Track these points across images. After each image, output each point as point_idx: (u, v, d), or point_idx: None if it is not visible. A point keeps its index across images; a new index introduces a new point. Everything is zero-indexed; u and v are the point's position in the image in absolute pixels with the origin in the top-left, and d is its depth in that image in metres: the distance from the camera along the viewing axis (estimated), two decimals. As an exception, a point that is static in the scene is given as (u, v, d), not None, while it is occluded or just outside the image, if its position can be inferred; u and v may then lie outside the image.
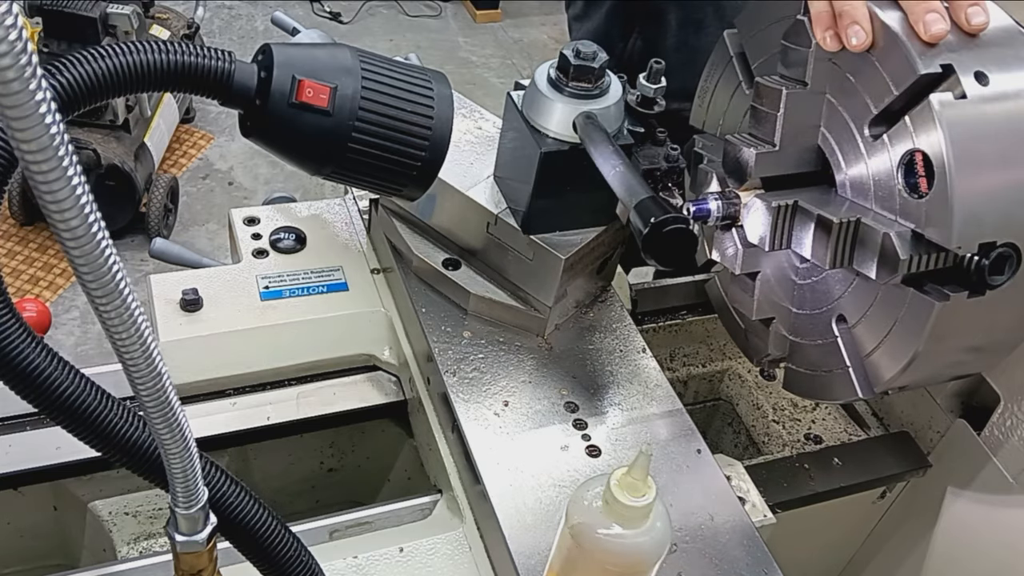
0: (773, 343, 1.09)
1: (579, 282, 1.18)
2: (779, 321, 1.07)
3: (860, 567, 1.43)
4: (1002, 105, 0.86)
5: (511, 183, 1.13)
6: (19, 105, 0.39)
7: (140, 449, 0.68)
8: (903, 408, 1.30)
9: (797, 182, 1.00)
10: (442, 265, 1.19)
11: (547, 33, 4.76)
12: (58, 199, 0.43)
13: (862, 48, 0.88)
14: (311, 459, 1.33)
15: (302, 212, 1.35)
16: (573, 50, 1.04)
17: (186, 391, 1.16)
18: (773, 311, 1.08)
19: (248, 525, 0.74)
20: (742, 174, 1.00)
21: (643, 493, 0.74)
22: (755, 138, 1.01)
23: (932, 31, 0.84)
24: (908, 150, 0.87)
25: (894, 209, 0.89)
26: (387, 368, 1.25)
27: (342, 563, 0.99)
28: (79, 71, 0.71)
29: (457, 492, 1.07)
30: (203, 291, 1.19)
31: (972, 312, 0.90)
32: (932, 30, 0.84)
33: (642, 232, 0.86)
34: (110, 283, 0.48)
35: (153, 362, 0.55)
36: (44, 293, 3.01)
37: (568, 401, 1.10)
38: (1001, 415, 1.14)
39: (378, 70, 0.93)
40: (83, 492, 1.19)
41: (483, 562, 1.01)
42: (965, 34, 0.87)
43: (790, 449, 1.28)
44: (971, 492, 1.20)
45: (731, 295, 1.16)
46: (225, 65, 0.84)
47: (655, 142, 1.11)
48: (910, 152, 0.87)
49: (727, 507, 1.02)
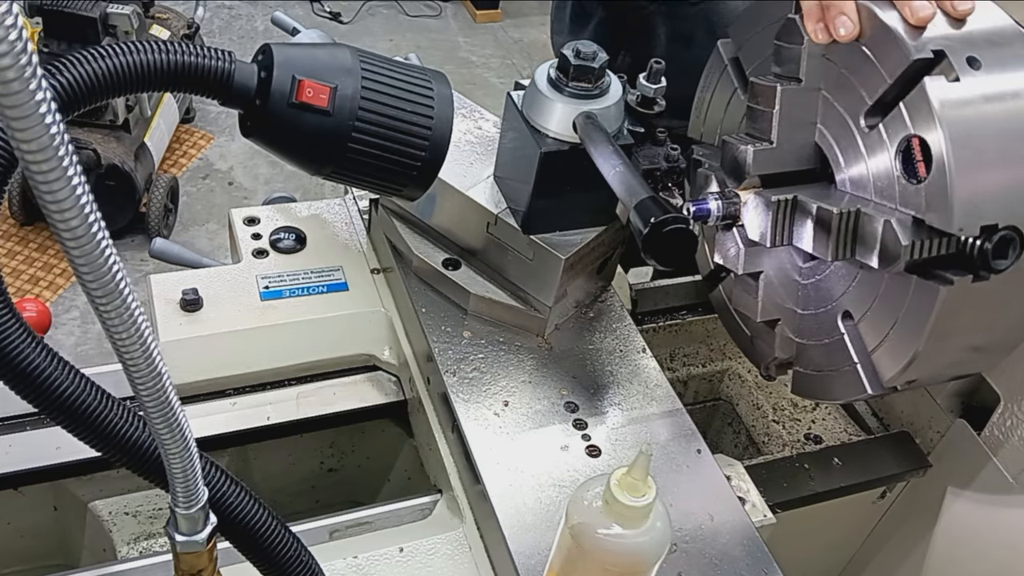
0: (779, 346, 1.09)
1: (579, 282, 1.18)
2: (784, 323, 1.07)
3: (860, 567, 1.43)
4: (1000, 101, 0.86)
5: (511, 183, 1.13)
6: (19, 105, 0.39)
7: (140, 449, 0.68)
8: (903, 408, 1.30)
9: (796, 179, 1.00)
10: (442, 265, 1.19)
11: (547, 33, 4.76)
12: (58, 199, 0.43)
13: (850, 38, 0.89)
14: (311, 459, 1.33)
15: (302, 212, 1.35)
16: (573, 50, 1.04)
17: (186, 391, 1.16)
18: (778, 312, 1.08)
19: (248, 525, 0.74)
20: (740, 173, 1.00)
21: (643, 493, 0.74)
22: (752, 136, 1.01)
23: (919, 15, 0.85)
24: (905, 136, 0.87)
25: (893, 198, 0.89)
26: (387, 368, 1.25)
27: (342, 563, 0.99)
28: (79, 71, 0.71)
29: (457, 492, 1.07)
30: (203, 291, 1.19)
31: (975, 305, 0.90)
32: (919, 14, 0.85)
33: (642, 232, 0.86)
34: (110, 283, 0.48)
35: (153, 362, 0.55)
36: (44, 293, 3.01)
37: (568, 401, 1.10)
38: (1001, 415, 1.14)
39: (378, 70, 0.93)
40: (83, 492, 1.19)
41: (483, 562, 1.01)
42: (953, 20, 0.87)
43: (790, 449, 1.28)
44: (971, 492, 1.20)
45: (735, 299, 1.16)
46: (225, 65, 0.84)
47: (655, 142, 1.11)
48: (907, 138, 0.87)
49: (727, 507, 1.02)
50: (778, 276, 1.07)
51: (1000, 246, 0.85)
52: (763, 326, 1.10)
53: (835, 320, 1.00)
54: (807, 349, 1.05)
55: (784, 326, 1.08)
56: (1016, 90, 0.87)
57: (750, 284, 1.09)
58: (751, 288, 1.09)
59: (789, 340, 1.08)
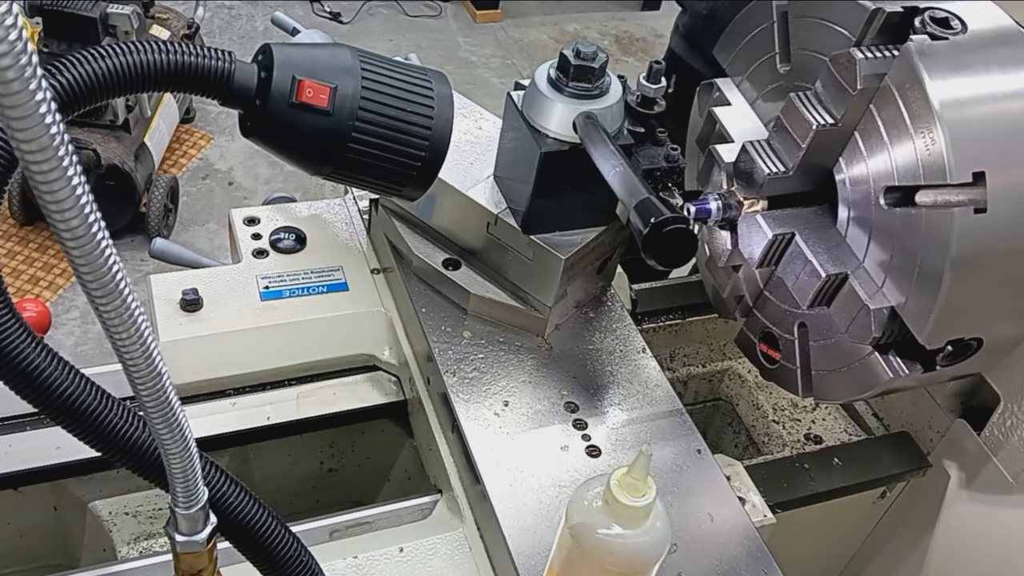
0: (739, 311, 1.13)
1: (579, 282, 1.18)
2: (749, 295, 1.10)
3: (860, 567, 1.43)
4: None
5: (511, 183, 1.13)
6: (19, 105, 0.39)
7: (140, 449, 0.68)
8: (903, 408, 1.30)
9: (801, 197, 1.01)
10: (442, 265, 1.18)
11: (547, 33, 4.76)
12: (58, 199, 0.43)
13: None
14: (311, 459, 1.33)
15: (302, 212, 1.35)
16: (573, 50, 1.04)
17: (186, 391, 1.15)
18: (747, 288, 1.11)
19: (248, 525, 0.74)
20: (751, 187, 1.00)
21: (643, 493, 0.74)
22: (773, 154, 1.00)
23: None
24: None
25: (887, 262, 0.91)
26: (387, 368, 1.25)
27: (342, 563, 0.99)
28: (79, 71, 0.71)
29: (457, 492, 1.07)
30: (203, 291, 1.18)
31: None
32: None
33: (642, 232, 0.86)
34: (110, 283, 0.48)
35: (153, 362, 0.55)
36: (44, 293, 3.01)
37: (568, 401, 1.09)
38: (1001, 415, 1.14)
39: (378, 70, 0.93)
40: (83, 492, 1.19)
41: (483, 562, 1.01)
42: None
43: (790, 449, 1.28)
44: (971, 492, 1.20)
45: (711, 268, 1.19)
46: (225, 65, 0.84)
47: (655, 142, 1.11)
48: None
49: (727, 507, 1.02)
50: None
51: (959, 352, 0.90)
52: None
53: (793, 323, 1.02)
54: (762, 326, 1.09)
55: (749, 299, 1.11)
56: None
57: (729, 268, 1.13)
58: (728, 271, 1.12)
59: (748, 309, 1.11)
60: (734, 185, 1.03)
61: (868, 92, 0.90)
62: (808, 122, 0.94)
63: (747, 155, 1.00)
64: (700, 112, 1.18)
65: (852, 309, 0.91)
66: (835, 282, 0.93)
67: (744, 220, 1.00)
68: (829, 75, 0.94)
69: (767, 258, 0.99)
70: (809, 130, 0.94)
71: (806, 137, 0.95)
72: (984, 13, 0.90)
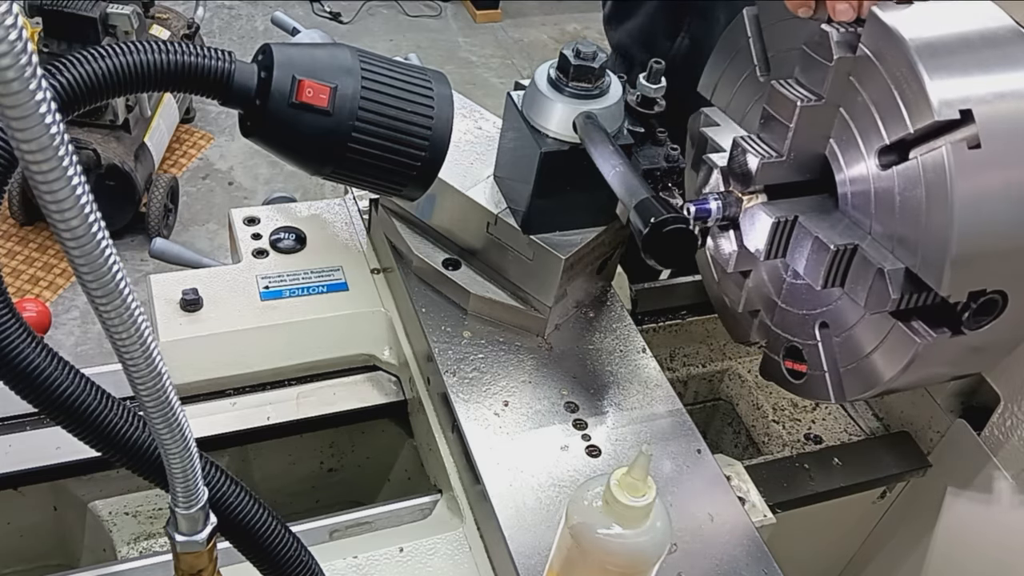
0: (756, 329, 1.11)
1: (579, 282, 1.18)
2: (765, 313, 1.09)
3: (860, 567, 1.43)
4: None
5: (511, 183, 1.13)
6: (19, 105, 0.39)
7: (140, 449, 0.68)
8: (903, 408, 1.30)
9: (799, 188, 1.00)
10: (442, 265, 1.19)
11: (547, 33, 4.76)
12: (58, 199, 0.43)
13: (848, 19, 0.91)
14: (311, 459, 1.33)
15: (302, 212, 1.35)
16: (573, 50, 1.04)
17: (186, 391, 1.15)
18: (760, 303, 1.09)
19: (248, 525, 0.74)
20: (746, 180, 1.00)
21: (643, 493, 0.74)
22: (763, 143, 1.00)
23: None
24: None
25: (893, 227, 0.90)
26: (387, 368, 1.25)
27: (342, 563, 0.99)
28: (79, 71, 0.71)
29: (457, 492, 1.07)
30: (203, 291, 1.18)
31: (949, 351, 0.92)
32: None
33: (642, 232, 0.86)
34: (110, 283, 0.48)
35: (153, 362, 0.55)
36: (44, 293, 3.01)
37: (568, 401, 1.09)
38: (1001, 415, 1.14)
39: (378, 70, 0.93)
40: (83, 492, 1.19)
41: (483, 562, 1.01)
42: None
43: (790, 449, 1.28)
44: (971, 492, 1.20)
45: (722, 285, 1.17)
46: (225, 65, 0.84)
47: (655, 142, 1.11)
48: None
49: (727, 507, 1.02)
50: (766, 266, 1.07)
51: (984, 308, 0.87)
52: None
53: (813, 326, 1.01)
54: (784, 341, 1.07)
55: (765, 316, 1.09)
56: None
57: (738, 277, 1.10)
58: (738, 280, 1.10)
59: (766, 327, 1.09)
60: (731, 185, 1.03)
61: (845, 62, 0.91)
62: (792, 101, 0.95)
63: (738, 149, 1.01)
64: (692, 141, 1.18)
65: (867, 277, 0.90)
66: (846, 253, 0.92)
67: (746, 215, 1.00)
68: (806, 57, 0.96)
69: (773, 247, 0.98)
70: (794, 109, 0.95)
71: (792, 117, 0.95)
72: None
